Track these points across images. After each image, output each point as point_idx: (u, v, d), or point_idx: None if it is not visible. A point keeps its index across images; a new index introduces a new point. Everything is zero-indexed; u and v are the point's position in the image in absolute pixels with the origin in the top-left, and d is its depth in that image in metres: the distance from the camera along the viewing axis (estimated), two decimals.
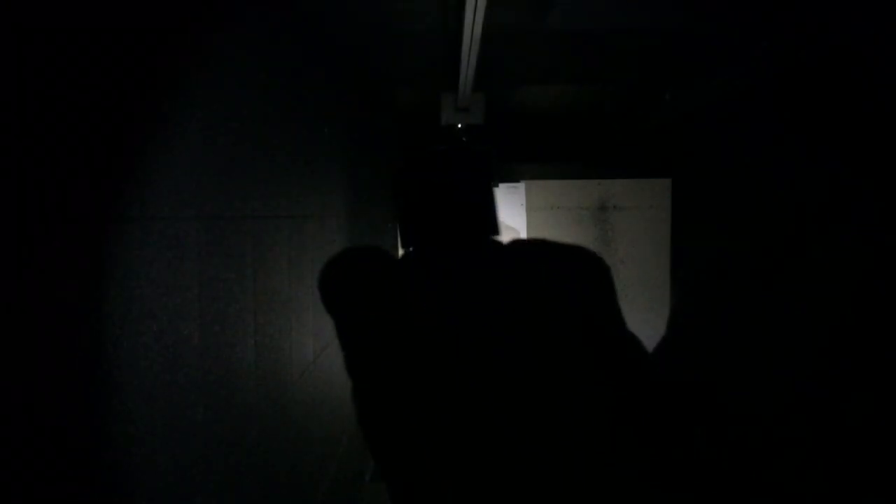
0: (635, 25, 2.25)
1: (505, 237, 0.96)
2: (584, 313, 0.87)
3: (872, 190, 2.03)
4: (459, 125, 3.46)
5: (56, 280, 0.78)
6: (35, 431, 0.75)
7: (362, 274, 0.95)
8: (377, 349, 0.90)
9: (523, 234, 4.39)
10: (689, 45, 2.51)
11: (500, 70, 2.88)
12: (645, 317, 4.44)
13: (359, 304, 0.93)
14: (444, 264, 0.90)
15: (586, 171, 4.38)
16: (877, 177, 2.01)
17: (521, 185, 4.37)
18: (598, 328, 0.89)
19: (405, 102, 3.72)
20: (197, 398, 1.16)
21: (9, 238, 0.70)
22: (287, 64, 1.84)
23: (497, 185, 4.25)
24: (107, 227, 0.89)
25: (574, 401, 0.85)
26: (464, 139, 3.74)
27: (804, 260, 2.22)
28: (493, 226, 0.96)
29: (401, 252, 1.01)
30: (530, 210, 4.39)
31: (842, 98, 2.21)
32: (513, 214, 4.39)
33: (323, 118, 2.27)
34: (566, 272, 0.89)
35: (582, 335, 0.87)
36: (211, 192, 1.24)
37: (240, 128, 1.40)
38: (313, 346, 2.04)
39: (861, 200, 2.09)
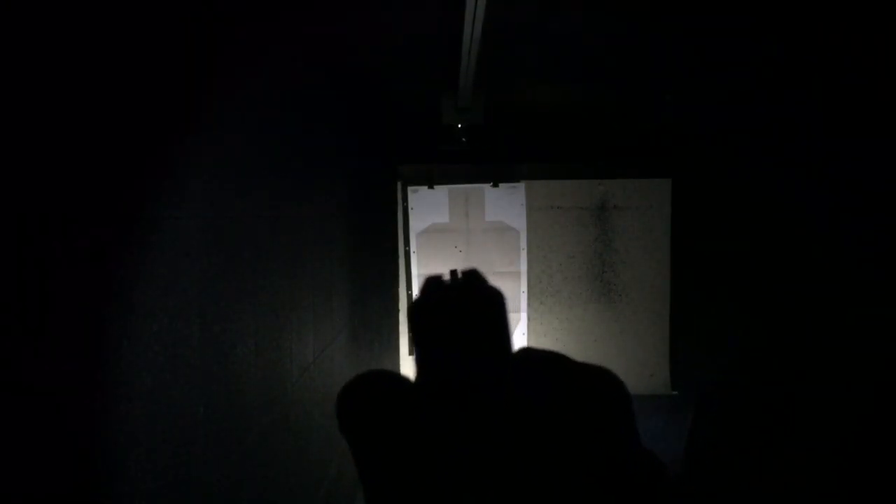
0: (635, 26, 2.25)
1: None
2: (603, 452, 0.89)
3: (872, 189, 2.02)
4: (459, 125, 3.46)
5: (56, 280, 0.78)
6: (35, 431, 0.75)
7: (381, 412, 1.01)
8: (393, 488, 0.94)
9: (523, 234, 4.38)
10: (689, 45, 2.51)
11: (500, 70, 2.88)
12: (645, 317, 4.44)
13: (377, 442, 0.98)
14: (460, 405, 0.93)
15: (586, 171, 4.38)
16: (876, 176, 2.01)
17: (521, 185, 4.37)
18: (617, 464, 0.90)
19: (405, 102, 3.72)
20: (197, 398, 1.16)
21: (9, 238, 0.70)
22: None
23: (497, 186, 4.26)
24: (107, 228, 0.89)
25: None
26: (463, 140, 3.74)
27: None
28: (508, 358, 0.97)
29: (414, 375, 1.05)
30: (530, 210, 4.39)
31: (836, 98, 2.21)
32: (513, 214, 4.38)
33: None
34: (585, 411, 0.90)
35: (599, 474, 0.88)
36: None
37: None
38: (313, 346, 2.04)
39: (861, 200, 2.09)
